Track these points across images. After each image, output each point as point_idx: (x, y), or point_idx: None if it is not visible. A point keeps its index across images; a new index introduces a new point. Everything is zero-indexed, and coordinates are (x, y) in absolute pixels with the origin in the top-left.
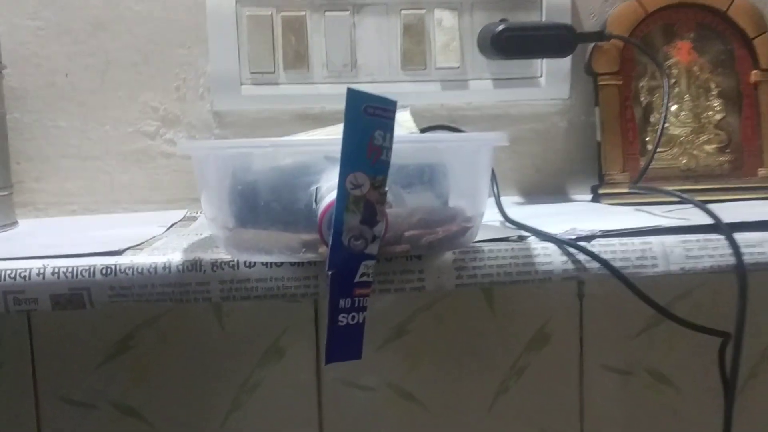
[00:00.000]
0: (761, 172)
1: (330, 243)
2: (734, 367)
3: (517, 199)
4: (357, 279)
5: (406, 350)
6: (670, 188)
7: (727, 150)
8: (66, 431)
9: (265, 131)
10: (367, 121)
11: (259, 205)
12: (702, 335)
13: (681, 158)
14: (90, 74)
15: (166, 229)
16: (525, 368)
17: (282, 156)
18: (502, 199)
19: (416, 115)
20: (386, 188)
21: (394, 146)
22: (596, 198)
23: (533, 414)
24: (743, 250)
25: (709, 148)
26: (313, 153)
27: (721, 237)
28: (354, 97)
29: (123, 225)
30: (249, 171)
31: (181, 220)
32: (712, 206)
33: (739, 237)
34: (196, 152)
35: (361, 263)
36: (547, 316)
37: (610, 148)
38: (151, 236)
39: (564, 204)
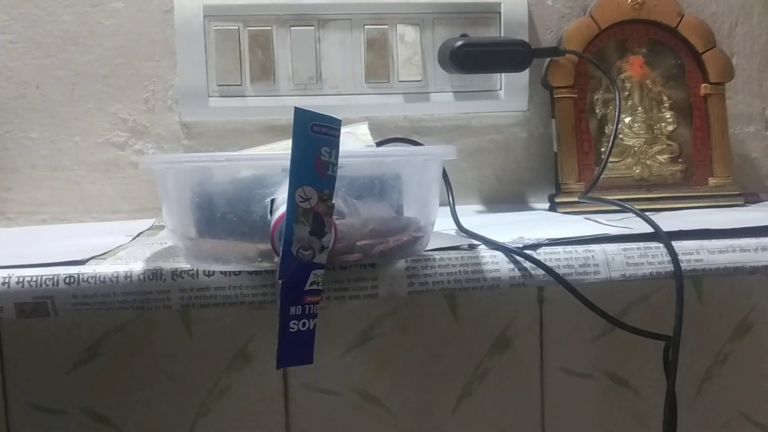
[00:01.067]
0: (711, 181)
1: (281, 253)
2: (672, 368)
3: (478, 207)
4: (307, 287)
5: (371, 355)
6: (612, 198)
7: (679, 160)
8: None
9: (232, 142)
10: (314, 138)
11: (216, 216)
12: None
13: (635, 168)
14: (60, 86)
15: (132, 238)
16: (487, 372)
17: (237, 170)
18: (464, 207)
19: (380, 126)
20: (333, 201)
21: (350, 159)
22: (553, 206)
23: (496, 417)
24: (681, 257)
25: (661, 158)
26: (268, 167)
27: (660, 245)
28: (301, 116)
29: (91, 234)
30: (207, 184)
31: (148, 230)
32: (663, 214)
33: (677, 245)
34: (155, 167)
35: (310, 272)
36: (508, 321)
37: (566, 159)
38: (116, 246)
39: (521, 213)
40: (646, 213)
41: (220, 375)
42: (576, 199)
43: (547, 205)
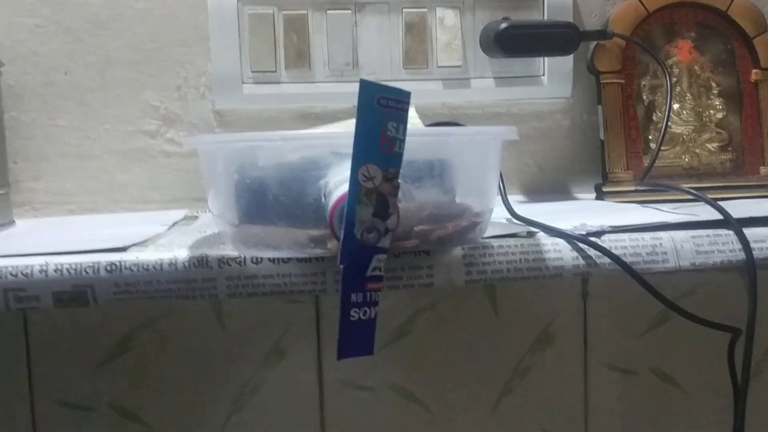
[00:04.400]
0: (763, 170)
1: (342, 236)
2: (746, 364)
3: (520, 197)
4: (369, 273)
5: (408, 351)
6: (678, 185)
7: (729, 148)
8: None
9: (266, 130)
10: (380, 112)
11: (266, 200)
12: (706, 334)
13: (683, 156)
14: (89, 72)
15: (168, 227)
16: (529, 369)
17: (290, 150)
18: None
19: (419, 113)
20: (399, 181)
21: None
22: (600, 196)
23: (537, 415)
24: (753, 245)
25: (710, 146)
26: (321, 147)
27: (731, 232)
28: (367, 88)
29: (123, 224)
30: (256, 166)
31: (182, 219)
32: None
33: (748, 232)
34: (202, 146)
35: (373, 257)
36: (551, 317)
37: (613, 147)
38: (154, 234)
39: (568, 202)
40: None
41: (254, 370)
42: (627, 188)
43: (592, 195)
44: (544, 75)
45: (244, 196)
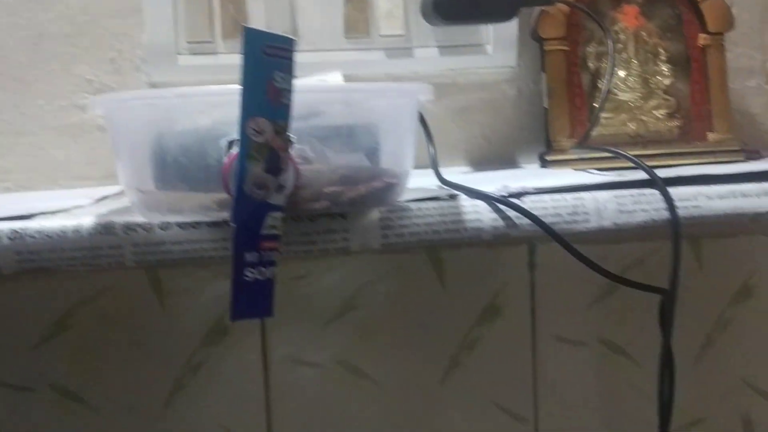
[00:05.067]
0: (710, 136)
1: (233, 193)
2: (668, 321)
3: (466, 169)
4: (264, 231)
5: (354, 326)
6: (608, 147)
7: (676, 115)
8: (2, 416)
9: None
10: (267, 61)
11: (170, 163)
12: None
13: (630, 124)
14: (22, 47)
15: (95, 201)
16: (476, 341)
17: (191, 109)
18: (451, 169)
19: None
20: (290, 134)
21: (319, 95)
22: (544, 164)
23: (486, 387)
24: (677, 203)
25: (657, 113)
26: (224, 104)
27: (656, 191)
28: (252, 37)
29: (53, 199)
30: (161, 128)
31: (115, 194)
32: (659, 171)
33: (674, 191)
34: (103, 108)
35: (266, 214)
36: (497, 288)
37: (556, 115)
38: (73, 206)
39: (508, 171)
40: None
41: (196, 348)
42: (569, 156)
43: (538, 164)
44: (488, 44)
45: (149, 163)
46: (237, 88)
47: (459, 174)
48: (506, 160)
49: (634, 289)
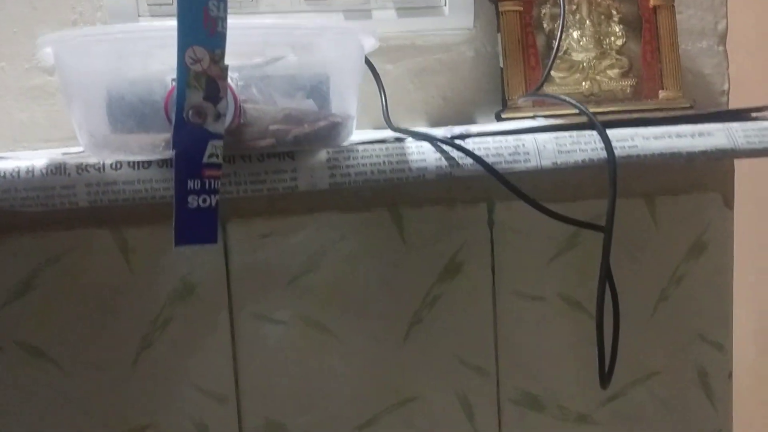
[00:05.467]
0: (661, 94)
1: (173, 121)
2: (605, 257)
3: (425, 129)
4: (205, 160)
5: (318, 283)
6: (557, 95)
7: (629, 74)
8: None
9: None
10: None
11: (119, 102)
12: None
13: (584, 83)
14: None
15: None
16: (438, 298)
17: (141, 50)
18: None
19: None
20: (226, 62)
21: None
22: (500, 122)
23: (448, 343)
24: (615, 143)
25: (611, 72)
26: (162, 37)
27: (594, 132)
28: None
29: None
30: (113, 72)
31: (76, 153)
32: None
33: (611, 132)
34: (51, 47)
35: (207, 142)
36: (458, 245)
37: (512, 74)
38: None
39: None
40: None
41: (163, 306)
42: (525, 114)
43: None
44: (445, 5)
45: (99, 103)
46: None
47: None
48: (465, 120)
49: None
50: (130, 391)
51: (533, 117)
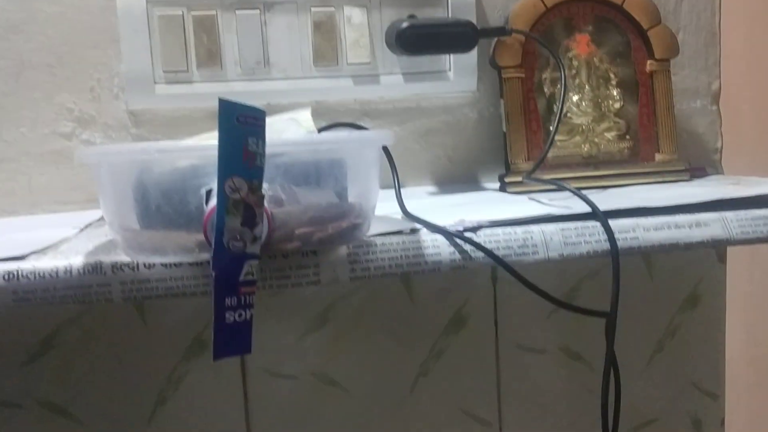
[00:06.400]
0: (657, 157)
1: (212, 245)
2: (610, 342)
3: (431, 188)
4: (242, 278)
5: (328, 338)
6: (557, 177)
7: (627, 137)
8: None
9: (180, 129)
10: (240, 129)
11: (152, 208)
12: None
13: (583, 146)
14: (4, 76)
15: (79, 231)
16: (444, 351)
17: (173, 161)
18: (417, 189)
19: (330, 110)
20: (263, 191)
21: (284, 148)
22: (503, 186)
23: (453, 394)
24: (617, 235)
25: (609, 135)
26: (203, 157)
27: (597, 223)
28: (226, 107)
29: (38, 227)
30: (142, 175)
31: (97, 221)
32: (609, 191)
33: (614, 223)
34: (88, 159)
35: (244, 263)
36: (463, 301)
37: (514, 138)
38: (60, 239)
39: (470, 194)
40: (595, 190)
41: (177, 363)
42: (524, 183)
43: (497, 185)
44: (450, 70)
45: (132, 205)
46: (212, 144)
47: (423, 195)
48: (469, 180)
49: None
50: None
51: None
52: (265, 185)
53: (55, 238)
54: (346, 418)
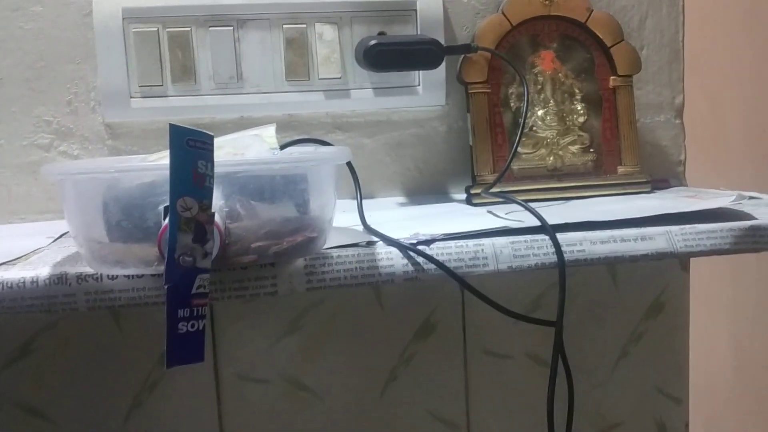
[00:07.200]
0: (620, 169)
1: (165, 260)
2: (555, 353)
3: (401, 199)
4: (194, 291)
5: (300, 344)
6: (522, 188)
7: (591, 150)
8: None
9: (156, 142)
10: (190, 152)
11: (115, 223)
12: (573, 319)
13: (548, 158)
14: None
15: (52, 240)
16: (413, 356)
17: (130, 180)
18: (388, 200)
19: (303, 123)
20: (220, 207)
21: (239, 167)
22: (469, 198)
23: (422, 399)
24: (564, 248)
25: (573, 148)
26: (159, 176)
27: (546, 237)
28: (176, 132)
29: (14, 236)
30: (105, 192)
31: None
32: (572, 203)
33: (562, 237)
34: (51, 177)
35: (196, 276)
36: (431, 308)
37: (480, 151)
38: (32, 249)
39: (435, 205)
40: (558, 201)
41: (152, 368)
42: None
43: (464, 196)
44: (419, 85)
45: (94, 220)
46: (167, 165)
47: (392, 206)
48: (438, 191)
49: (555, 308)
50: None
51: (497, 207)
52: (221, 202)
53: (28, 248)
54: (318, 421)
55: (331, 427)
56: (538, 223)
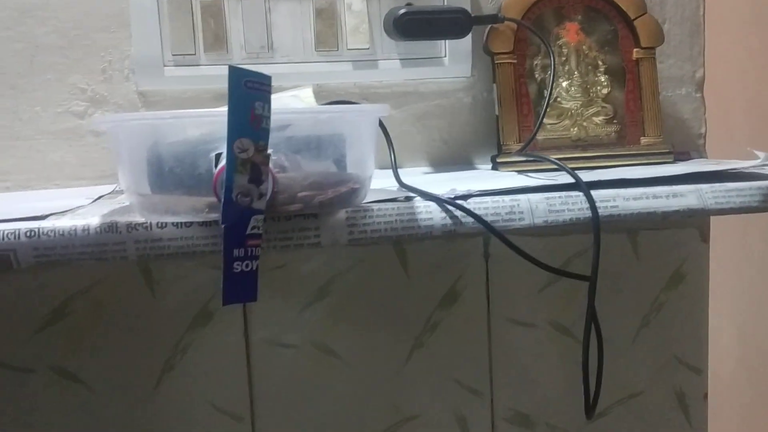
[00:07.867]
0: (643, 140)
1: (222, 200)
2: (590, 306)
3: (426, 169)
4: (249, 231)
5: (328, 311)
6: (545, 155)
7: (614, 121)
8: (5, 395)
9: (188, 109)
10: (248, 93)
11: (165, 171)
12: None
13: (572, 129)
14: (19, 59)
15: (91, 201)
16: (438, 324)
17: (184, 128)
18: (414, 169)
19: (331, 93)
20: (269, 151)
21: (290, 116)
22: (495, 166)
23: (446, 366)
24: (598, 204)
25: (597, 119)
26: (210, 123)
27: (581, 194)
28: (235, 73)
29: (54, 198)
30: (156, 142)
31: (109, 194)
32: (596, 171)
33: (596, 193)
34: (104, 126)
35: (251, 217)
36: (456, 276)
37: (506, 121)
38: (76, 206)
39: (462, 172)
40: (582, 170)
41: (184, 332)
42: (515, 159)
43: (490, 166)
44: (445, 56)
45: (147, 170)
46: (221, 111)
47: (419, 174)
48: (463, 161)
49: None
50: (153, 411)
51: (525, 172)
52: (270, 151)
53: (71, 206)
54: (345, 386)
55: (358, 392)
56: (572, 180)
